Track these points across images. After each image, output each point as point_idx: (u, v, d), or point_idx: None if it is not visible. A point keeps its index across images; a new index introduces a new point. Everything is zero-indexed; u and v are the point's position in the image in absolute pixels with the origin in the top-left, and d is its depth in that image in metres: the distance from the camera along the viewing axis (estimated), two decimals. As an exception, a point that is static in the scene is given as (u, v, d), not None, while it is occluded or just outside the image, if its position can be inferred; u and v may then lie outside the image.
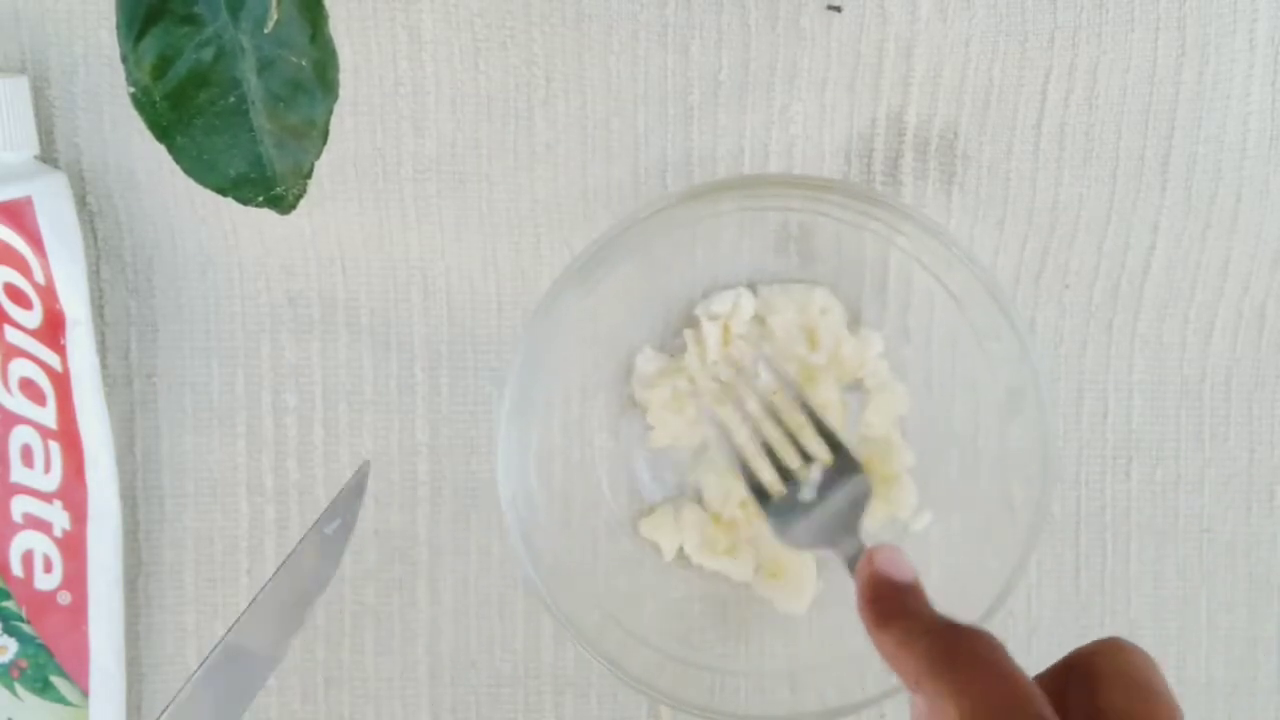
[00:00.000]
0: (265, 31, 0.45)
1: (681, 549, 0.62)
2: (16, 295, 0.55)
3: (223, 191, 0.48)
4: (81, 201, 0.61)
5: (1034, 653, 0.64)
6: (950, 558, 0.61)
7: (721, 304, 0.61)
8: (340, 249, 0.62)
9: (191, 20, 0.45)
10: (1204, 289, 0.63)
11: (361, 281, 0.62)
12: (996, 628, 0.63)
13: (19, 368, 0.55)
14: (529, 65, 0.61)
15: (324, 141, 0.48)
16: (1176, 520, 0.64)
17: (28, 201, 0.55)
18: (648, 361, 0.62)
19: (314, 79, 0.47)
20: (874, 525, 0.62)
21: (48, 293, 0.56)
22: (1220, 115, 0.61)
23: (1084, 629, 0.63)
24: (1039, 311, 0.63)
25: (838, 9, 0.60)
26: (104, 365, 0.62)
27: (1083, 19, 0.61)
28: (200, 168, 0.48)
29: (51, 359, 0.56)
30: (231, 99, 0.46)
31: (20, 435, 0.55)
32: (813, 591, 0.62)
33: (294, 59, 0.46)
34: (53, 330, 0.56)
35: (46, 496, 0.56)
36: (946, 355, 0.62)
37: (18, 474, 0.55)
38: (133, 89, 0.47)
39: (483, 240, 0.62)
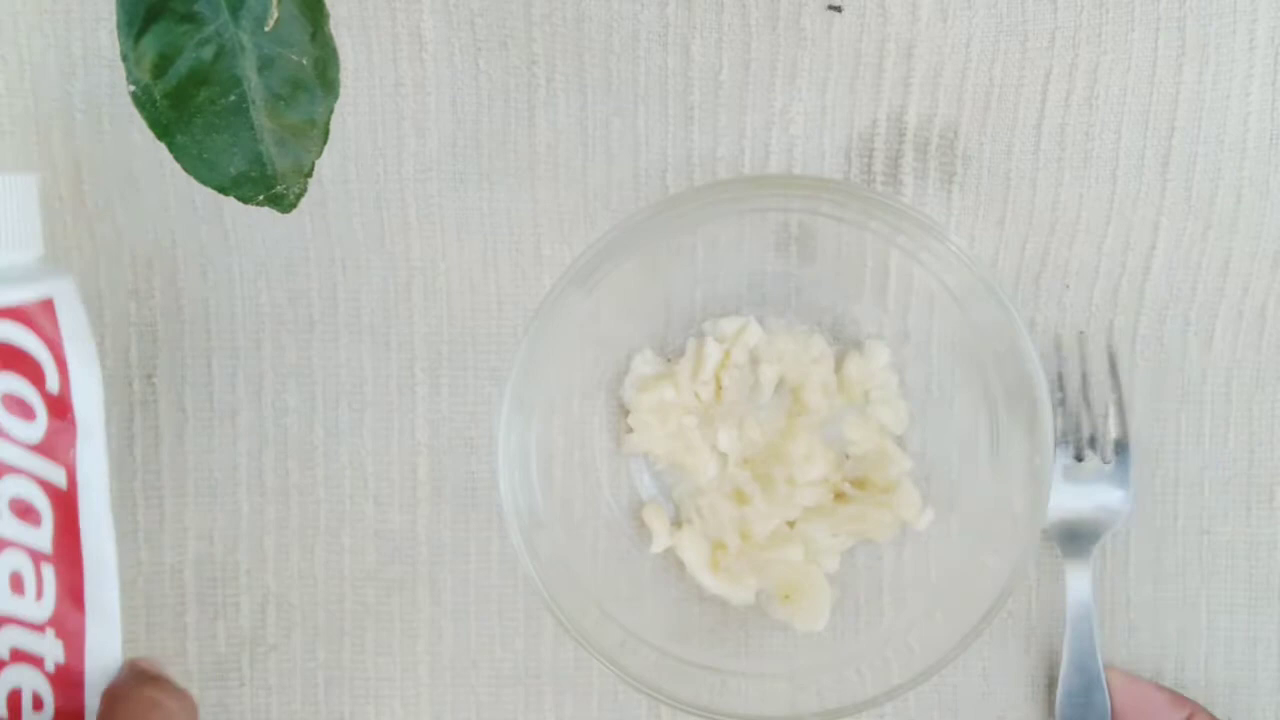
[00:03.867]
0: (265, 30, 0.45)
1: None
2: (17, 406, 0.48)
3: (223, 190, 0.48)
4: (81, 202, 0.61)
5: (1033, 653, 0.64)
6: (950, 558, 0.61)
7: (730, 326, 0.61)
8: (340, 249, 0.62)
9: (192, 18, 0.45)
10: (1204, 289, 0.63)
11: (361, 281, 0.62)
12: (996, 627, 0.63)
13: (10, 486, 0.47)
14: (529, 65, 0.61)
15: (325, 140, 0.48)
16: (1176, 520, 0.64)
17: (48, 304, 0.49)
18: (645, 364, 0.62)
19: (314, 77, 0.47)
20: (884, 535, 0.62)
21: (59, 402, 0.49)
22: (1220, 115, 0.61)
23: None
24: (1039, 311, 0.63)
25: (838, 9, 0.60)
26: (104, 366, 0.62)
27: (1083, 19, 0.61)
28: (201, 166, 0.48)
29: (55, 474, 0.49)
30: (232, 97, 0.46)
31: (8, 561, 0.47)
32: (829, 609, 0.62)
33: (294, 57, 0.46)
34: (61, 442, 0.49)
35: (38, 626, 0.48)
36: (946, 355, 0.62)
37: (3, 603, 0.47)
38: (133, 87, 0.47)
39: (483, 240, 0.62)
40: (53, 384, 0.48)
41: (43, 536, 0.48)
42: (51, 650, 0.48)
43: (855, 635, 0.62)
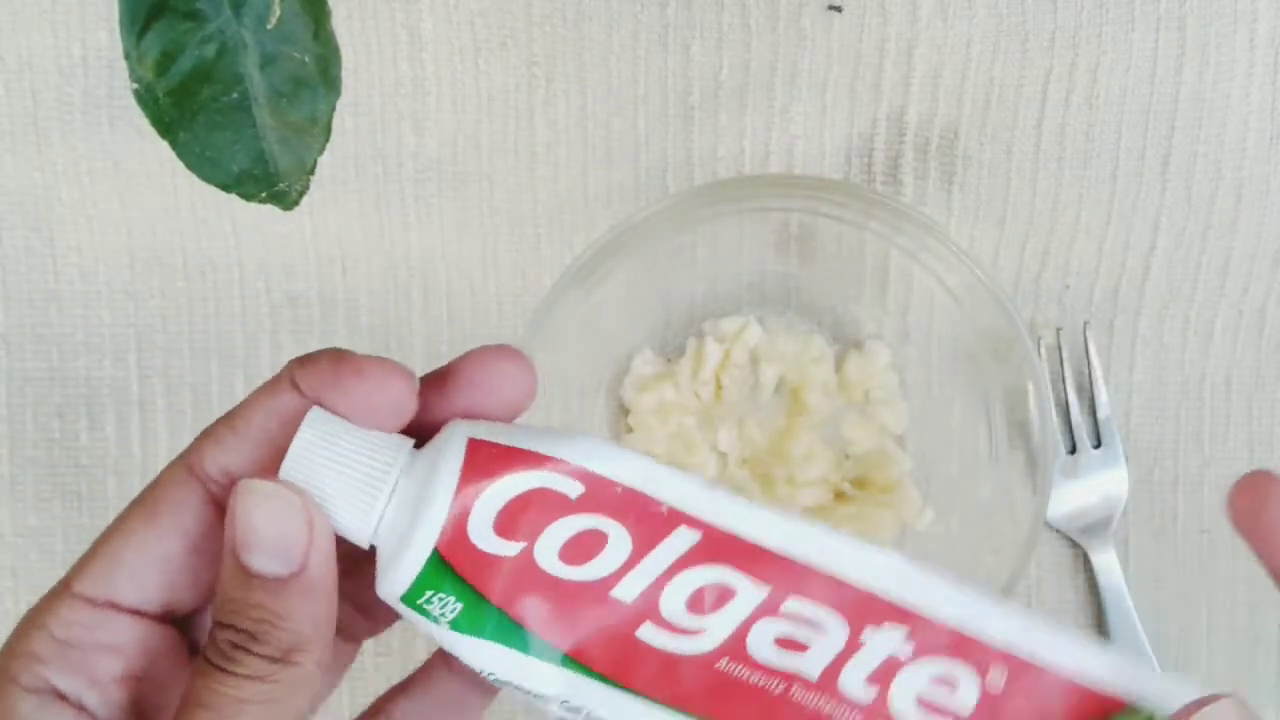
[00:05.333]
0: (268, 27, 0.45)
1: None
2: None
3: (226, 188, 0.48)
4: (81, 202, 0.61)
5: (1034, 653, 0.63)
6: (950, 558, 0.61)
7: (730, 326, 0.61)
8: (340, 249, 0.62)
9: (194, 16, 0.45)
10: (1204, 289, 0.63)
11: (361, 281, 0.62)
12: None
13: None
14: (529, 65, 0.61)
15: (327, 138, 0.48)
16: (1176, 520, 0.64)
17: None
18: (646, 364, 0.62)
19: (316, 75, 0.47)
20: (884, 535, 0.62)
21: None
22: (1220, 115, 0.62)
23: (1084, 629, 0.63)
24: (1039, 311, 0.63)
25: (838, 9, 0.61)
26: (104, 366, 0.62)
27: (1083, 19, 0.61)
28: (203, 164, 0.47)
29: None
30: (234, 95, 0.46)
31: None
32: None
33: (296, 55, 0.46)
34: None
35: None
36: (947, 355, 0.62)
37: None
38: (135, 85, 0.47)
39: (483, 240, 0.62)
40: None
41: None
42: None
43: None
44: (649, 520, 0.34)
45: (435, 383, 0.36)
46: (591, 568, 0.34)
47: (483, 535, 0.33)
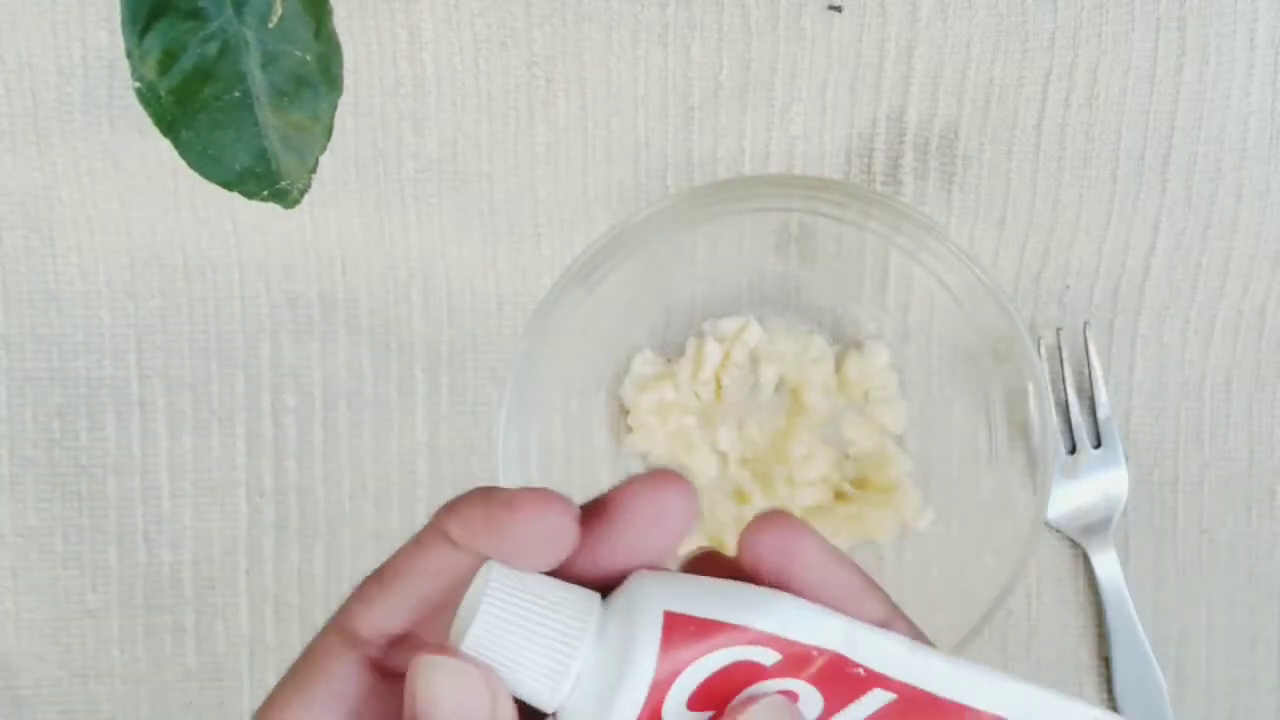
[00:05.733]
0: (269, 26, 0.45)
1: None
2: None
3: (228, 186, 0.48)
4: (81, 202, 0.61)
5: (1034, 653, 0.64)
6: (950, 558, 0.61)
7: (730, 326, 0.61)
8: (340, 249, 0.62)
9: (196, 15, 0.45)
10: (1204, 289, 0.63)
11: (361, 281, 0.62)
12: (996, 628, 0.63)
13: None
14: (529, 65, 0.61)
15: (328, 136, 0.49)
16: (1176, 520, 0.64)
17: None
18: (646, 364, 0.62)
19: (318, 74, 0.47)
20: (884, 535, 0.62)
21: None
22: (1220, 115, 0.62)
23: (1084, 629, 0.63)
24: (1039, 311, 0.63)
25: (838, 9, 0.61)
26: (104, 367, 0.62)
27: (1083, 19, 0.61)
28: (205, 163, 0.48)
29: None
30: (236, 94, 0.46)
31: None
32: None
33: (298, 54, 0.46)
34: None
35: None
36: (947, 355, 0.62)
37: None
38: (137, 84, 0.47)
39: (483, 240, 0.62)
40: None
41: None
42: None
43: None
44: (844, 681, 0.33)
45: (597, 513, 0.34)
46: None
47: (677, 713, 0.32)
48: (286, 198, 0.49)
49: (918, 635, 0.35)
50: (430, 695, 0.32)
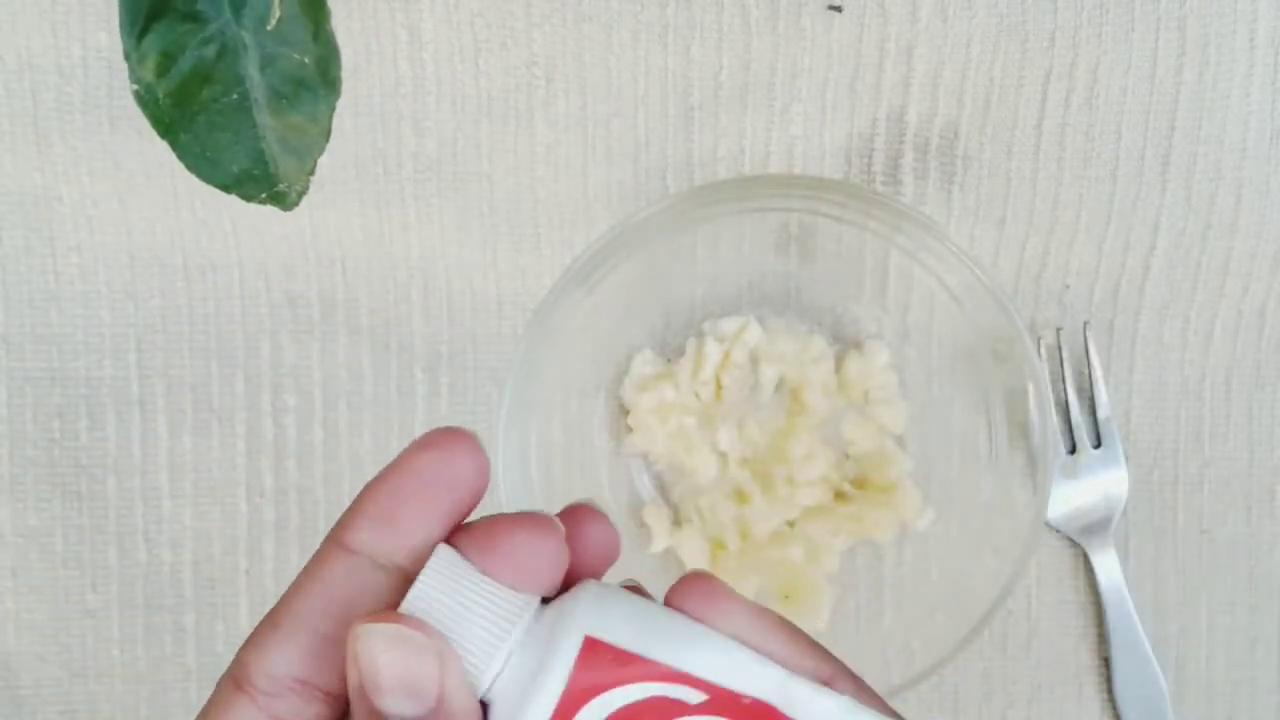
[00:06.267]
0: (267, 29, 0.45)
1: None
2: None
3: (226, 189, 0.48)
4: (81, 202, 0.61)
5: (1034, 653, 0.64)
6: (950, 558, 0.61)
7: (729, 326, 0.61)
8: (340, 249, 0.62)
9: (194, 17, 0.45)
10: (1204, 289, 0.63)
11: (361, 282, 0.62)
12: (996, 628, 0.63)
13: None
14: (529, 65, 0.61)
15: (326, 139, 0.49)
16: (1176, 520, 0.64)
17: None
18: (646, 364, 0.62)
19: (316, 76, 0.47)
20: (884, 535, 0.62)
21: None
22: (1220, 115, 0.62)
23: (1084, 629, 0.63)
24: (1039, 311, 0.63)
25: (838, 9, 0.61)
26: (104, 367, 0.62)
27: (1083, 19, 0.61)
28: (204, 165, 0.48)
29: None
30: (234, 96, 0.46)
31: None
32: (829, 609, 0.62)
33: (296, 56, 0.46)
34: None
35: None
36: (947, 355, 0.62)
37: None
38: (135, 86, 0.47)
39: (483, 240, 0.62)
40: None
41: None
42: None
43: (855, 635, 0.62)
44: None
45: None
46: None
47: None
48: (285, 200, 0.49)
49: (865, 693, 0.34)
50: (373, 661, 0.31)
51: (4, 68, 0.60)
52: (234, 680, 0.33)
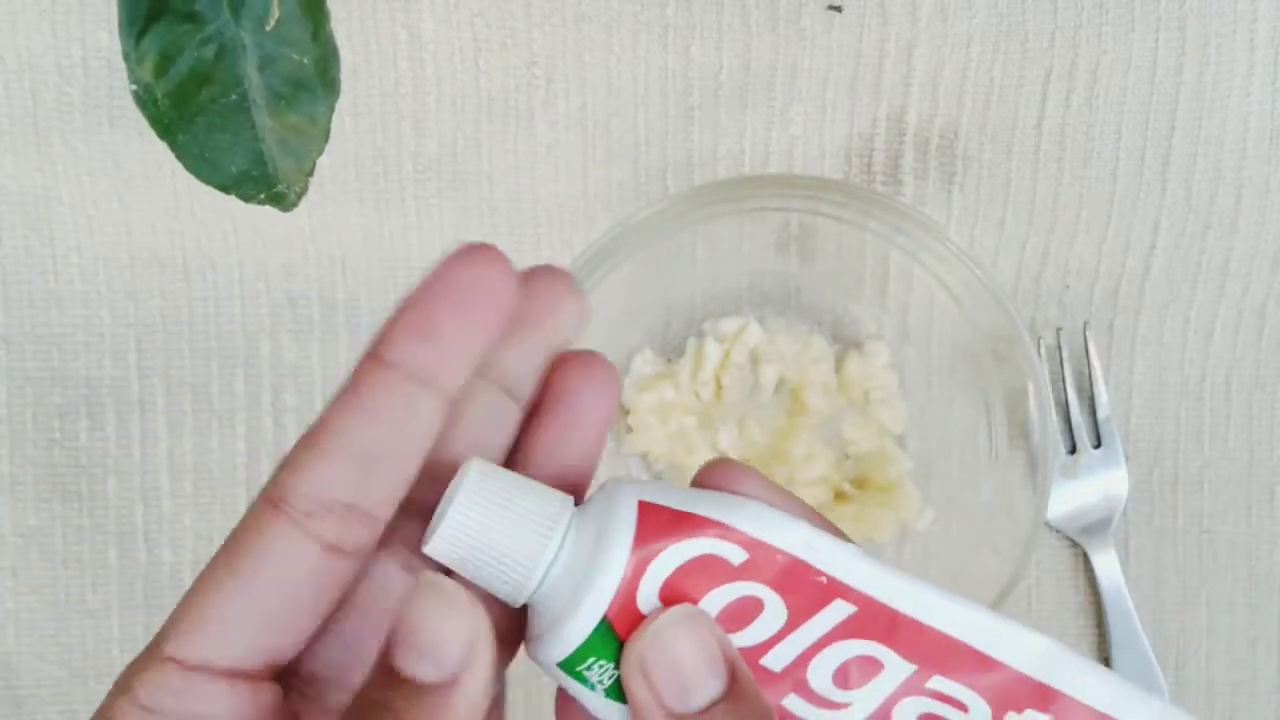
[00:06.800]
0: (266, 29, 0.45)
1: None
2: None
3: (225, 189, 0.48)
4: (81, 202, 0.61)
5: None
6: (950, 558, 0.61)
7: (729, 326, 0.61)
8: (340, 249, 0.62)
9: (193, 18, 0.45)
10: (1204, 289, 0.63)
11: (361, 282, 0.62)
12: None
13: None
14: (529, 65, 0.61)
15: (325, 139, 0.49)
16: (1176, 520, 0.64)
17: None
18: (646, 364, 0.62)
19: (315, 77, 0.47)
20: (884, 535, 0.62)
21: None
22: (1220, 115, 0.62)
23: (1084, 629, 0.63)
24: (1039, 311, 0.63)
25: (838, 9, 0.60)
26: (104, 366, 0.62)
27: (1083, 19, 0.61)
28: (202, 165, 0.48)
29: None
30: (233, 96, 0.46)
31: None
32: None
33: (295, 56, 0.46)
34: None
35: None
36: (947, 355, 0.62)
37: None
38: (134, 87, 0.47)
39: (483, 240, 0.62)
40: None
41: None
42: None
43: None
44: (807, 589, 0.33)
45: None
46: (746, 635, 0.33)
47: (649, 601, 0.32)
48: (284, 201, 0.49)
49: None
50: (408, 611, 0.30)
51: (4, 68, 0.60)
52: (269, 501, 0.31)
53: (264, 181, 0.48)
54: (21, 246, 0.61)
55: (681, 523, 0.33)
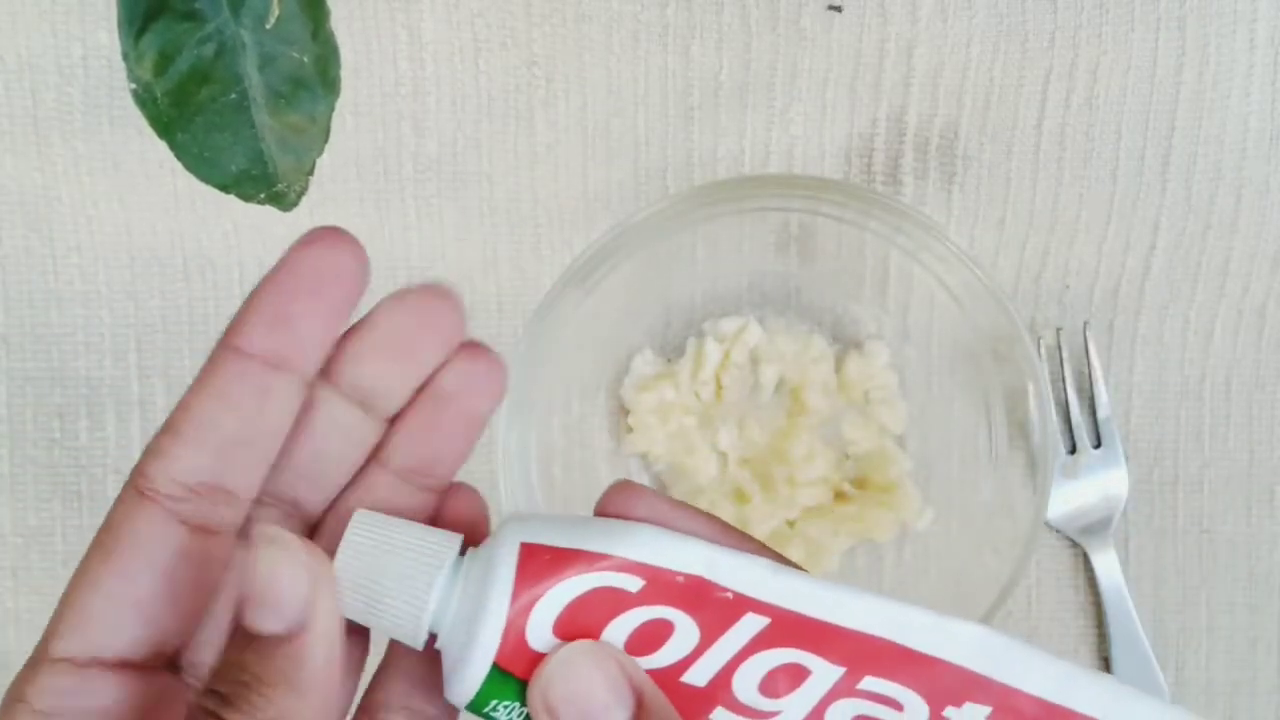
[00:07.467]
0: (266, 27, 0.45)
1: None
2: None
3: (225, 189, 0.48)
4: (81, 202, 0.61)
5: (1034, 653, 0.63)
6: (950, 558, 0.61)
7: (729, 326, 0.61)
8: (340, 249, 0.62)
9: (192, 16, 0.45)
10: (1204, 289, 0.63)
11: (361, 281, 0.62)
12: (996, 628, 0.63)
13: None
14: (529, 65, 0.61)
15: (325, 138, 0.48)
16: (1176, 520, 0.64)
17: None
18: (646, 364, 0.62)
19: (315, 75, 0.47)
20: (884, 535, 0.62)
21: None
22: (1220, 115, 0.62)
23: (1084, 629, 0.63)
24: (1039, 311, 0.63)
25: (838, 9, 0.60)
26: (103, 367, 0.62)
27: (1083, 19, 0.61)
28: (202, 165, 0.47)
29: None
30: (233, 95, 0.46)
31: None
32: None
33: (295, 55, 0.46)
34: None
35: None
36: (947, 355, 0.62)
37: None
38: (134, 86, 0.47)
39: (483, 240, 0.62)
40: None
41: None
42: None
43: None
44: (715, 606, 0.33)
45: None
46: (660, 656, 0.33)
47: (543, 639, 0.33)
48: (283, 200, 0.48)
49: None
50: (250, 568, 0.30)
51: (4, 68, 0.60)
52: (136, 489, 0.32)
53: (264, 181, 0.48)
54: (21, 246, 0.61)
55: (566, 560, 0.33)
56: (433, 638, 0.33)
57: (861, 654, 0.33)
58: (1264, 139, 0.62)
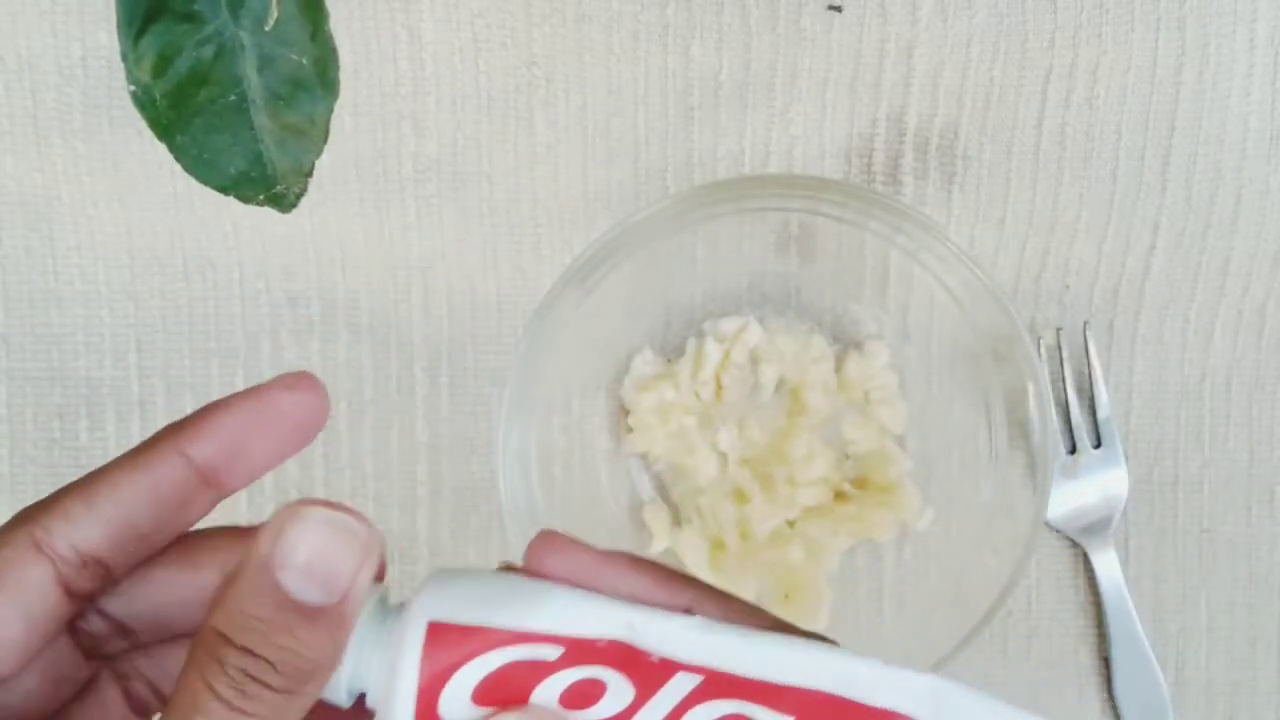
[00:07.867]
0: (265, 29, 0.45)
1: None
2: None
3: (224, 190, 0.48)
4: (81, 202, 0.61)
5: (1034, 653, 0.63)
6: (950, 558, 0.61)
7: (729, 326, 0.61)
8: (340, 249, 0.62)
9: (191, 18, 0.45)
10: (1204, 289, 0.63)
11: (361, 281, 0.62)
12: (996, 628, 0.63)
13: None
14: (529, 65, 0.61)
15: (325, 140, 0.48)
16: (1176, 520, 0.64)
17: None
18: (646, 364, 0.62)
19: (314, 77, 0.47)
20: (884, 535, 0.62)
21: None
22: (1220, 115, 0.61)
23: (1084, 629, 0.63)
24: (1039, 311, 0.63)
25: (838, 9, 0.60)
26: (104, 367, 0.62)
27: (1083, 19, 0.61)
28: (201, 166, 0.47)
29: None
30: (232, 97, 0.46)
31: None
32: (829, 610, 0.62)
33: (294, 57, 0.46)
34: None
35: None
36: (947, 355, 0.62)
37: None
38: (133, 88, 0.47)
39: (483, 240, 0.62)
40: None
41: None
42: None
43: (855, 635, 0.62)
44: (643, 666, 0.32)
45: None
46: (596, 710, 0.32)
47: (461, 711, 0.32)
48: (282, 201, 0.48)
49: (743, 613, 0.33)
50: (301, 537, 0.31)
51: (4, 68, 0.60)
52: (34, 541, 0.33)
53: (263, 182, 0.48)
54: (21, 246, 0.61)
55: (476, 639, 0.32)
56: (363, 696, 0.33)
57: (809, 707, 0.32)
58: (1264, 139, 0.62)
